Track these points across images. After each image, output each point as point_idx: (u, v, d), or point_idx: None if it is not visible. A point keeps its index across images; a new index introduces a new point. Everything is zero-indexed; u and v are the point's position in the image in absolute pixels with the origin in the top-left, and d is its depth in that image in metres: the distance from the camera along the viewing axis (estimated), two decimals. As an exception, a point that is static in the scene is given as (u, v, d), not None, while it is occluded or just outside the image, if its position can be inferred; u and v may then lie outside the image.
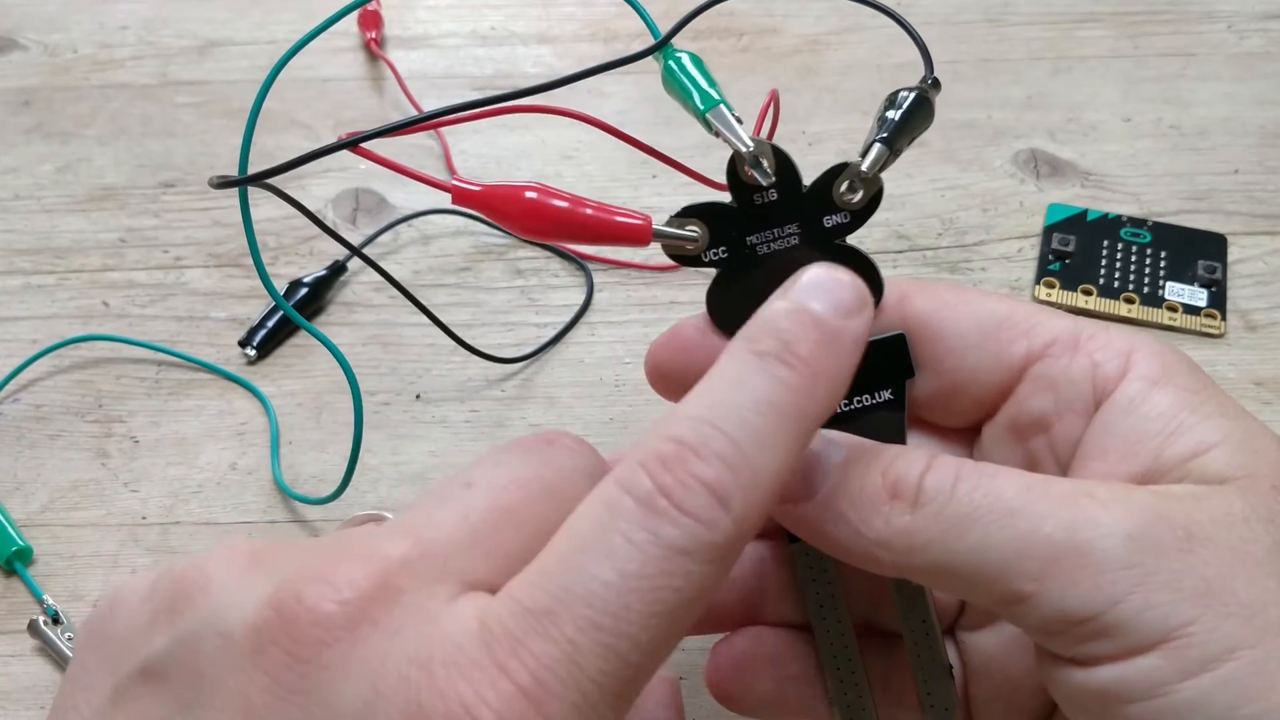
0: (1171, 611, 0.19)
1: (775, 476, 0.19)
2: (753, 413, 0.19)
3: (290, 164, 0.23)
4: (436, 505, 0.20)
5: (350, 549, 0.19)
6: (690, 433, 0.19)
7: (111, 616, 0.21)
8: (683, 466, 0.18)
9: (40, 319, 0.43)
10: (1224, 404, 0.22)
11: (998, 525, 0.20)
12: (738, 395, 0.19)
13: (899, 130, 0.24)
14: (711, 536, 0.18)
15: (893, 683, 0.27)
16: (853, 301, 0.21)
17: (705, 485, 0.18)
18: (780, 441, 0.19)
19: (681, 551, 0.18)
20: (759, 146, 0.24)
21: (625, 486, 0.18)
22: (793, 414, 0.19)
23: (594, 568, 0.18)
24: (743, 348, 0.20)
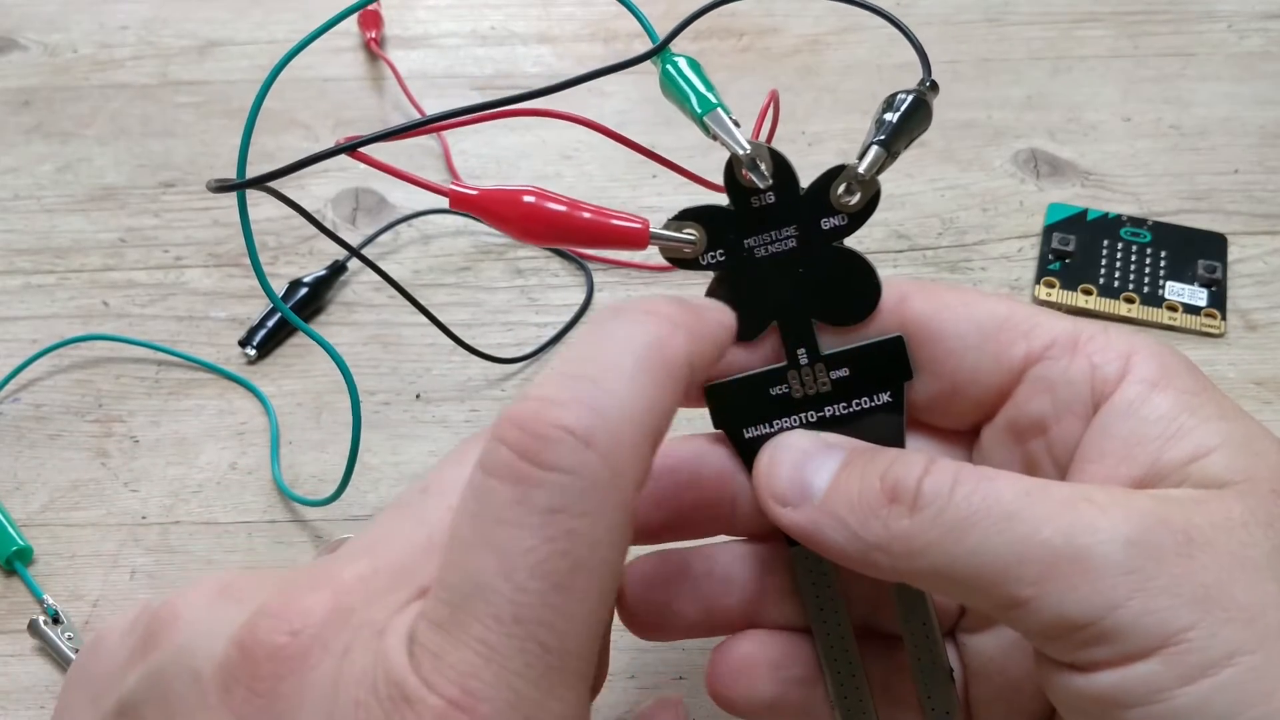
0: (1171, 617, 0.19)
1: (644, 411, 0.18)
2: (612, 351, 0.19)
3: (287, 169, 0.23)
4: (394, 518, 0.20)
5: (311, 578, 0.19)
6: (549, 386, 0.18)
7: (93, 655, 0.21)
8: (541, 420, 0.18)
9: (40, 319, 0.43)
10: (1223, 406, 0.22)
11: (996, 530, 0.20)
12: (598, 341, 0.19)
13: (896, 133, 0.24)
14: (583, 481, 0.17)
15: (893, 685, 0.27)
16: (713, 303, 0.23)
17: (565, 429, 0.17)
18: (645, 374, 0.19)
19: (556, 509, 0.17)
20: (756, 149, 0.24)
21: (487, 467, 0.18)
22: (655, 349, 0.19)
23: (477, 560, 0.17)
24: (604, 309, 0.20)
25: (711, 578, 0.26)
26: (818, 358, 0.25)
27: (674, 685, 0.33)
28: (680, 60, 0.25)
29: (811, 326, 0.25)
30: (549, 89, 0.24)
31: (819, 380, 0.25)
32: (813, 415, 0.25)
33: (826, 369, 0.25)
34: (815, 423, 0.25)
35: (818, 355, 0.25)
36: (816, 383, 0.25)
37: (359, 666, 0.18)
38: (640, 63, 0.25)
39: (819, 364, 0.25)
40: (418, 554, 0.19)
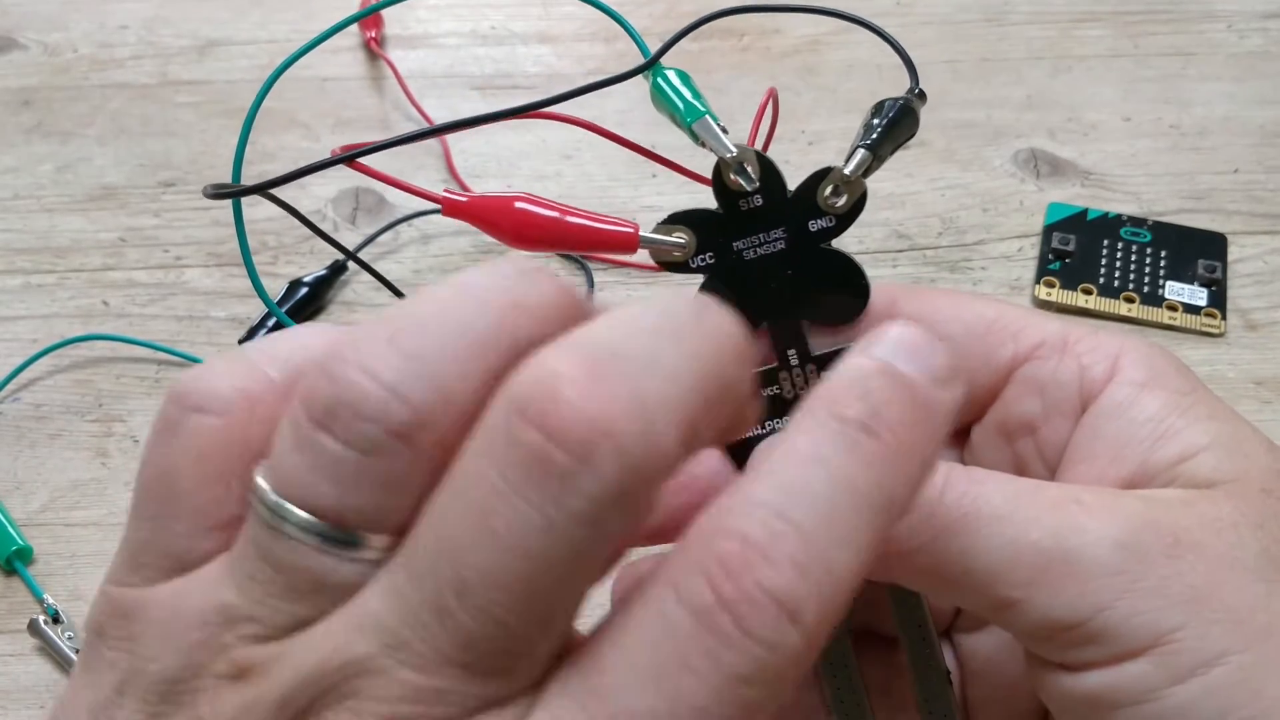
0: (1159, 617, 0.19)
1: (851, 577, 0.16)
2: (829, 499, 0.16)
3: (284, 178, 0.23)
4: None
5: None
6: (758, 529, 0.16)
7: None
8: (749, 573, 0.15)
9: (40, 318, 0.43)
10: (1213, 406, 0.22)
11: (985, 532, 0.20)
12: (814, 475, 0.16)
13: (883, 137, 0.24)
14: (776, 659, 0.15)
15: (892, 688, 0.27)
16: (948, 369, 0.18)
17: (773, 598, 0.15)
18: (860, 533, 0.16)
19: (743, 680, 0.15)
20: (743, 153, 0.24)
21: (683, 598, 0.16)
22: (877, 498, 0.16)
23: (647, 699, 0.15)
24: (823, 409, 0.17)
25: None
26: (808, 358, 0.25)
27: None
28: (670, 73, 0.25)
29: (802, 328, 0.25)
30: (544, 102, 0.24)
31: (810, 381, 0.25)
32: None
33: (817, 370, 0.25)
34: None
35: (808, 356, 0.25)
36: (808, 384, 0.25)
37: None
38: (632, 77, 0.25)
39: (810, 365, 0.25)
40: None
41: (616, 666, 0.16)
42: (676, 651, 0.15)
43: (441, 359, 0.16)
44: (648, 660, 0.16)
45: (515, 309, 0.16)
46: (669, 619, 0.16)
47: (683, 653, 0.15)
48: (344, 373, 0.16)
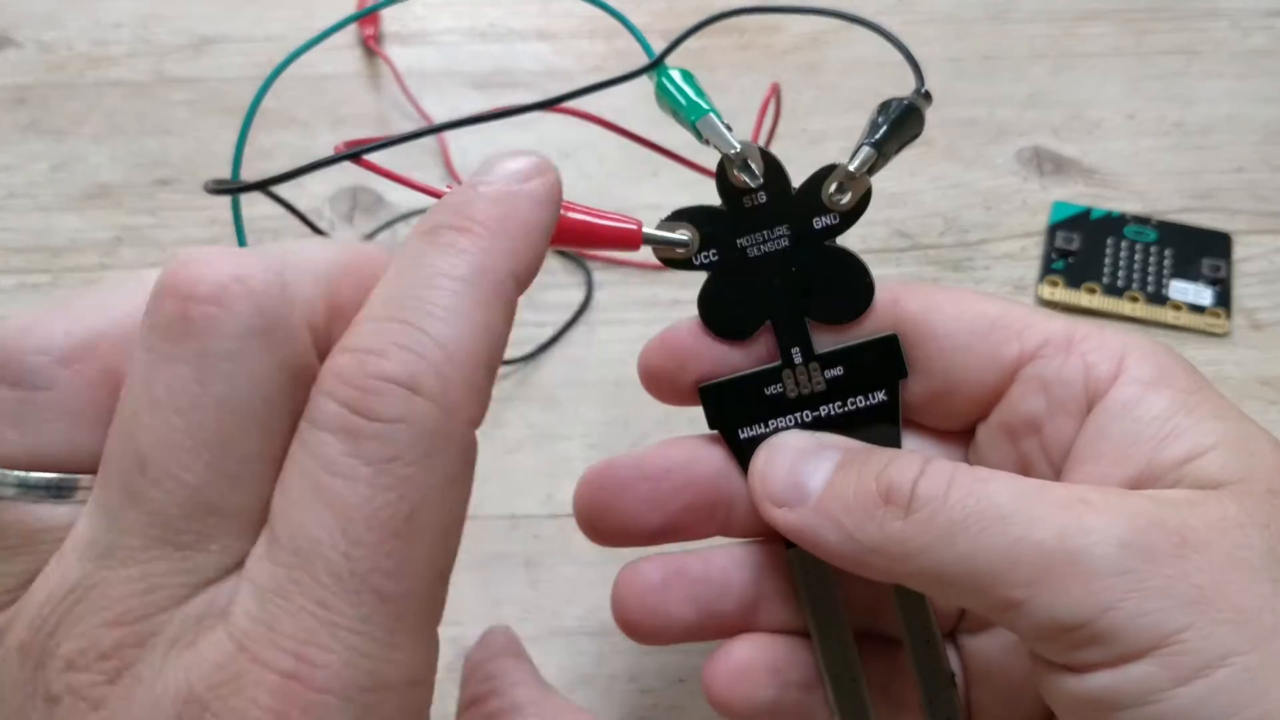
0: (1164, 618, 0.19)
1: (473, 344, 0.18)
2: (428, 289, 0.18)
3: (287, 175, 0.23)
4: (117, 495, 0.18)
5: (91, 625, 0.17)
6: (366, 336, 0.18)
7: None
8: (362, 372, 0.17)
9: (35, 318, 0.43)
10: (1219, 406, 0.22)
11: (990, 532, 0.20)
12: (411, 279, 0.18)
13: (888, 135, 0.24)
14: (415, 429, 0.17)
15: (893, 689, 0.26)
16: (529, 168, 0.20)
17: (389, 380, 0.17)
18: (469, 306, 0.18)
19: (389, 460, 0.17)
20: (746, 149, 0.24)
21: (316, 421, 0.17)
22: (474, 276, 0.18)
23: (314, 518, 0.17)
24: (414, 234, 0.19)
25: (708, 581, 0.26)
26: (812, 357, 0.25)
27: (674, 688, 0.33)
28: (674, 72, 0.25)
29: (805, 326, 0.25)
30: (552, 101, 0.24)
31: (813, 380, 0.25)
32: (808, 415, 0.25)
33: (821, 368, 0.25)
34: (810, 422, 0.25)
35: (812, 354, 0.25)
36: (811, 382, 0.25)
37: (175, 685, 0.16)
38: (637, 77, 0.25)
39: (813, 363, 0.25)
40: (160, 539, 0.17)
41: (283, 508, 0.17)
42: (324, 467, 0.17)
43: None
44: (304, 487, 0.17)
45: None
46: (310, 445, 0.17)
47: (329, 464, 0.17)
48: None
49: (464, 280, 0.18)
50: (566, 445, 0.39)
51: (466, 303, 0.18)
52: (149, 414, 0.17)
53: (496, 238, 0.19)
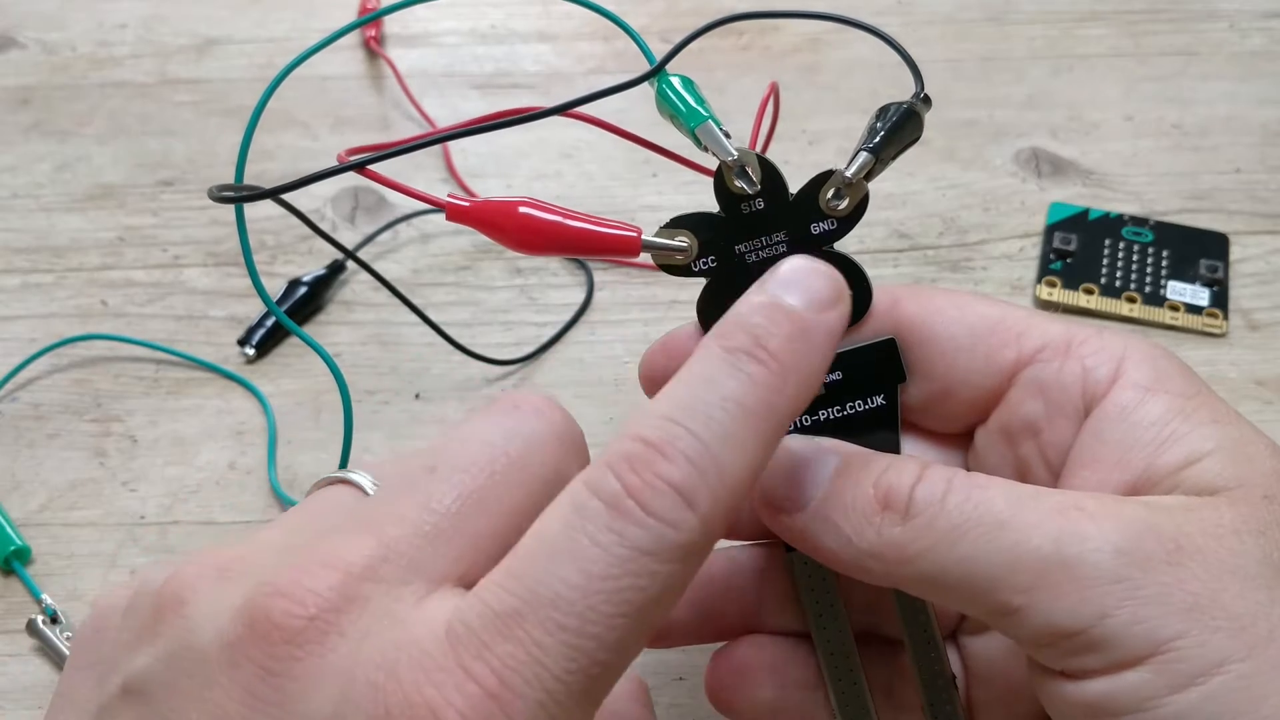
0: (1160, 625, 0.19)
1: (743, 475, 0.19)
2: (720, 411, 0.19)
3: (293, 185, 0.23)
4: (400, 495, 0.20)
5: (316, 555, 0.19)
6: (657, 432, 0.19)
7: (96, 634, 0.22)
8: (649, 468, 0.18)
9: (38, 318, 0.43)
10: (1217, 410, 0.22)
11: (987, 538, 0.20)
12: (706, 393, 0.19)
13: (885, 140, 0.24)
14: (677, 538, 0.18)
15: (895, 689, 0.27)
16: (828, 293, 0.20)
17: (671, 486, 0.18)
18: (749, 440, 0.19)
19: (647, 553, 0.18)
20: (744, 156, 0.24)
21: (592, 488, 0.18)
22: (762, 412, 0.19)
23: (560, 569, 0.18)
24: (713, 344, 0.20)
25: (710, 583, 0.26)
26: None
27: (674, 686, 0.33)
28: (674, 79, 0.25)
29: None
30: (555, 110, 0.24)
31: None
32: (806, 419, 0.25)
33: None
34: (809, 426, 0.25)
35: None
36: None
37: (378, 652, 0.18)
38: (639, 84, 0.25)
39: None
40: (426, 542, 0.19)
41: (532, 547, 0.18)
42: (585, 530, 0.18)
43: None
44: (559, 538, 0.18)
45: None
46: (580, 505, 0.18)
47: (591, 531, 0.18)
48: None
49: (752, 414, 0.19)
50: (567, 445, 0.39)
51: (750, 435, 0.19)
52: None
53: (789, 377, 0.20)
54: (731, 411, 0.19)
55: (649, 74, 0.25)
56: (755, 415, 0.19)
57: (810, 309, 0.20)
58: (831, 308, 0.20)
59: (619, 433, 0.19)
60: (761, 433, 0.19)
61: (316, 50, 0.27)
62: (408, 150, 0.24)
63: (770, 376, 0.19)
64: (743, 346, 0.19)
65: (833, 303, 0.20)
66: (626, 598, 0.18)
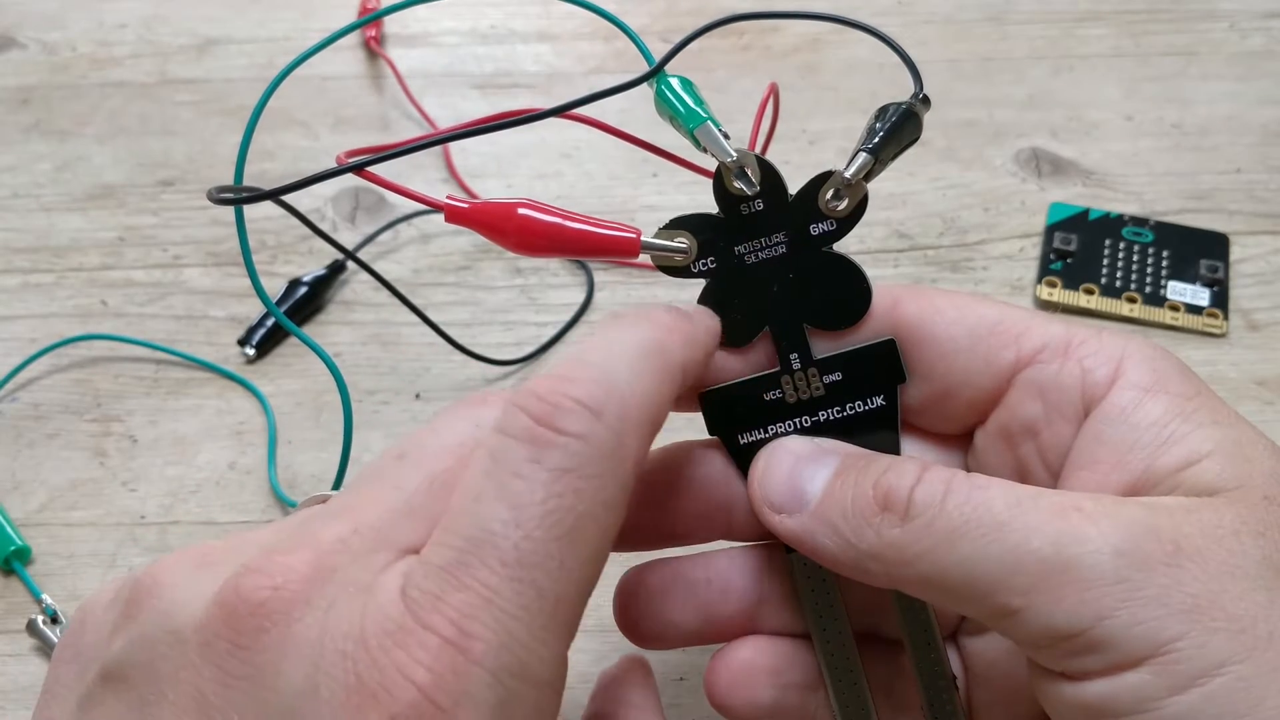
0: (1159, 627, 0.19)
1: (645, 397, 0.20)
2: (615, 346, 0.21)
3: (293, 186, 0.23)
4: (370, 482, 0.21)
5: (290, 539, 0.20)
6: (559, 367, 0.20)
7: (80, 628, 0.22)
8: (556, 392, 0.19)
9: (38, 318, 0.43)
10: (1217, 411, 0.22)
11: (987, 539, 0.20)
12: (599, 340, 0.21)
13: (884, 141, 0.24)
14: (591, 450, 0.19)
15: (895, 690, 0.27)
16: (698, 308, 0.24)
17: (577, 402, 0.19)
18: (645, 369, 0.21)
19: (567, 470, 0.19)
20: (743, 157, 0.24)
21: (506, 430, 0.19)
22: (653, 348, 0.21)
23: (490, 511, 0.19)
24: (605, 317, 0.23)
25: (710, 585, 0.26)
26: (810, 362, 0.25)
27: (673, 686, 0.33)
28: (673, 80, 0.25)
29: (804, 331, 0.25)
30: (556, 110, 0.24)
31: (812, 385, 0.25)
32: (807, 420, 0.25)
33: (819, 373, 0.25)
34: (809, 427, 0.25)
35: (810, 360, 0.25)
36: (810, 387, 0.25)
37: (344, 620, 0.18)
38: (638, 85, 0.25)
39: (812, 369, 0.25)
40: (396, 518, 0.20)
41: (462, 502, 0.19)
42: (508, 467, 0.19)
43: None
44: (487, 485, 0.19)
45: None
46: (497, 448, 0.19)
47: (511, 467, 0.19)
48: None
49: (645, 350, 0.21)
50: (567, 445, 0.39)
51: (645, 366, 0.21)
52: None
53: (674, 332, 0.22)
54: (627, 347, 0.21)
55: (648, 75, 0.25)
56: (649, 351, 0.21)
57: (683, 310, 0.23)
58: (705, 315, 0.24)
59: (524, 384, 0.20)
60: (655, 366, 0.21)
61: (317, 50, 0.27)
62: (409, 151, 0.24)
63: (656, 327, 0.21)
64: (629, 313, 0.22)
65: (704, 311, 0.24)
66: (558, 519, 0.19)
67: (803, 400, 0.25)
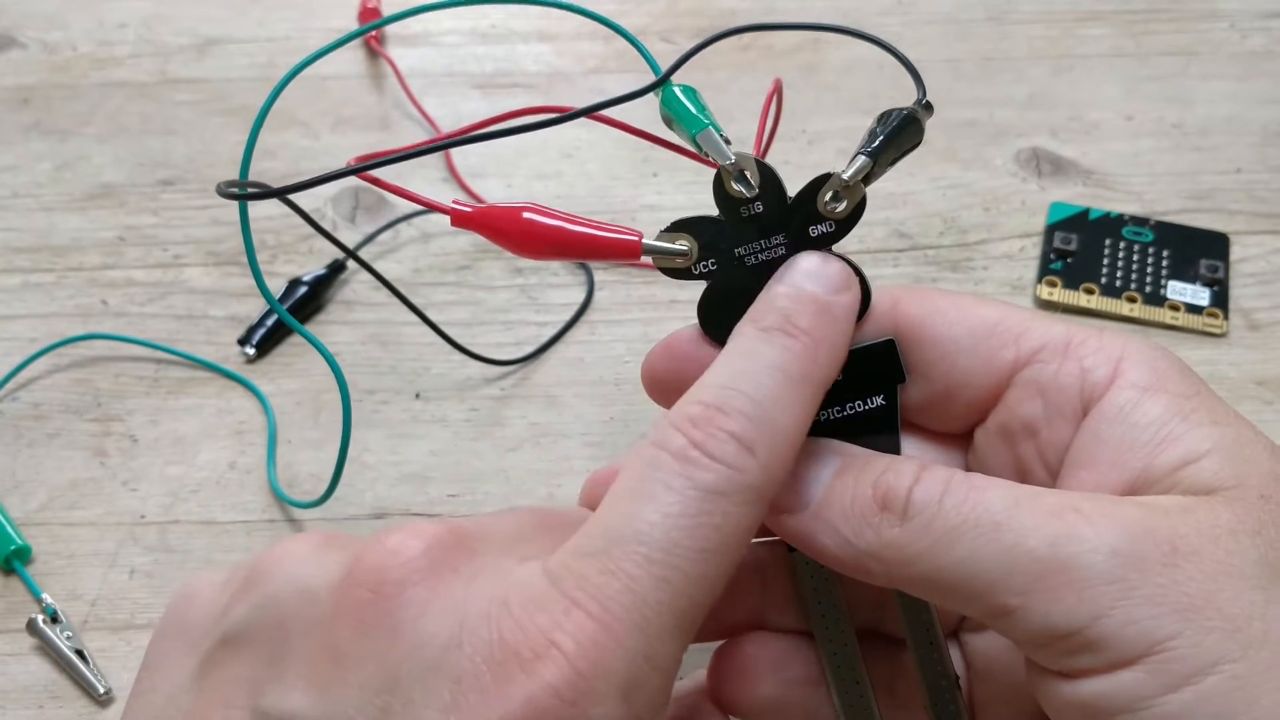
0: (1154, 626, 0.19)
1: (792, 430, 0.21)
2: (766, 376, 0.21)
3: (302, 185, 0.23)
4: (489, 516, 0.23)
5: (424, 524, 0.21)
6: (714, 396, 0.21)
7: (188, 606, 0.23)
8: (710, 423, 0.20)
9: (39, 317, 0.43)
10: (1215, 410, 0.22)
11: (984, 539, 0.20)
12: (751, 363, 0.22)
13: (884, 145, 0.24)
14: (743, 479, 0.20)
15: (897, 688, 0.27)
16: (841, 279, 0.23)
17: (732, 436, 0.20)
18: (792, 398, 0.21)
19: (717, 493, 0.20)
20: (742, 160, 0.24)
21: (661, 445, 0.20)
22: (800, 375, 0.22)
23: (641, 511, 0.20)
24: (750, 327, 0.22)
25: None
26: None
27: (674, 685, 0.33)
28: (677, 89, 0.26)
29: None
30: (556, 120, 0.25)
31: None
32: None
33: None
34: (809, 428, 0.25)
35: None
36: None
37: (488, 588, 0.20)
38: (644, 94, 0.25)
39: None
40: (530, 531, 0.22)
41: (612, 501, 0.20)
42: (659, 478, 0.20)
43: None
44: (636, 488, 0.20)
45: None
46: (651, 459, 0.20)
47: (664, 478, 0.20)
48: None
49: (793, 377, 0.22)
50: (566, 444, 0.39)
51: (793, 395, 0.21)
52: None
53: (819, 347, 0.22)
54: (776, 376, 0.21)
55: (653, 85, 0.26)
56: (796, 378, 0.21)
57: (828, 292, 0.23)
58: (846, 290, 0.23)
59: (678, 404, 0.21)
60: (803, 394, 0.22)
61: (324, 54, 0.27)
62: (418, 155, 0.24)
63: (803, 347, 0.22)
64: (777, 325, 0.22)
65: (846, 286, 0.23)
66: (705, 534, 0.20)
67: None
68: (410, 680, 0.19)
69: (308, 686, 0.19)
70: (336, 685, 0.19)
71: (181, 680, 0.21)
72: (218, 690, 0.21)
